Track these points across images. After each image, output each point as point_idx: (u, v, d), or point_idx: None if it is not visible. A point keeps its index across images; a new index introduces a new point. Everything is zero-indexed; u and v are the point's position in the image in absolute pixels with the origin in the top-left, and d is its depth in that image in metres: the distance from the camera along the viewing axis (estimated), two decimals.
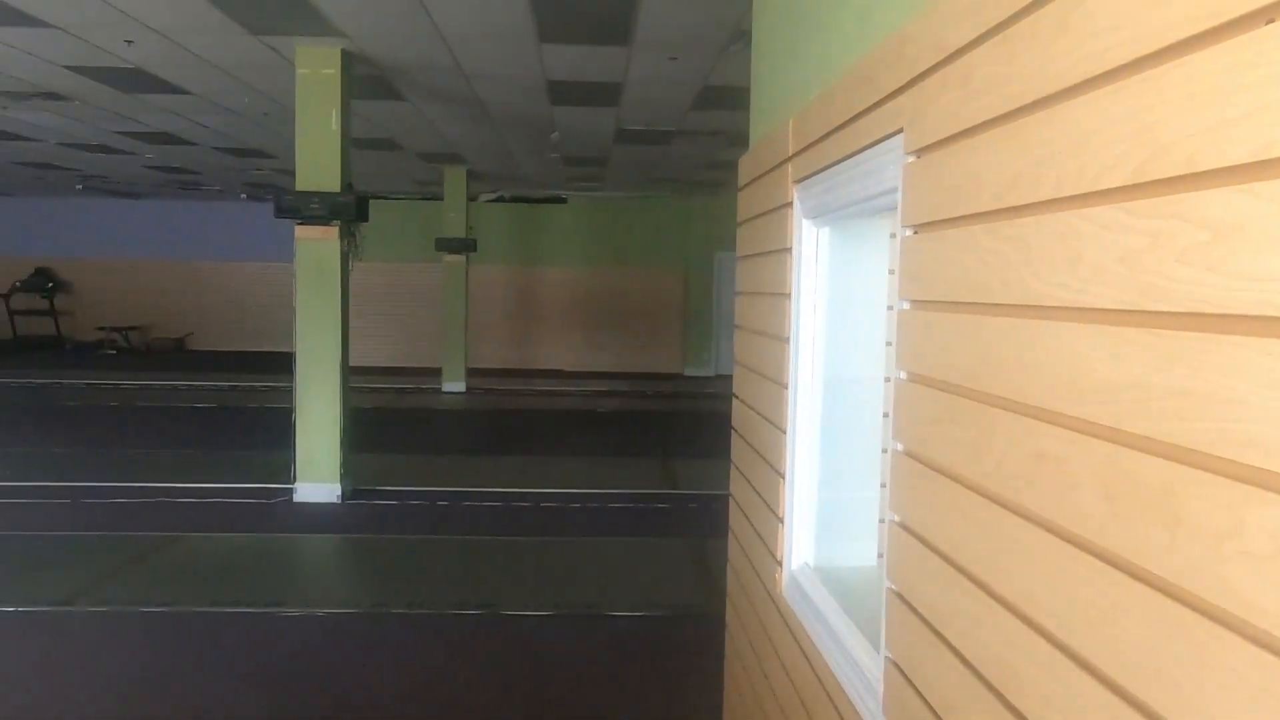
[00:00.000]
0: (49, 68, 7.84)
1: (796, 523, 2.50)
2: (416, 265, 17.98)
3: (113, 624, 4.73)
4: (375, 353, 17.62)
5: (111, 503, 7.12)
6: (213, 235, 19.84)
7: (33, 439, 9.82)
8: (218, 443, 9.91)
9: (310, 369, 7.29)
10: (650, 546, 6.38)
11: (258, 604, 5.02)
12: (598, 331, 18.41)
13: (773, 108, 2.99)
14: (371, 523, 6.84)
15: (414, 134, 10.98)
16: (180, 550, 6.05)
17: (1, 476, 7.83)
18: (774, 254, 2.75)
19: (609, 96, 8.75)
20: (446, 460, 9.23)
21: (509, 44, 6.96)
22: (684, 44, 6.89)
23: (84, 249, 19.95)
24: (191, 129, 10.81)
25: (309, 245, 7.22)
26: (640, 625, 4.83)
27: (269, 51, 7.19)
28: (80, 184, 16.89)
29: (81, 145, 12.23)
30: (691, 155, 12.36)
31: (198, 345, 20.03)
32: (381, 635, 4.69)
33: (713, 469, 8.44)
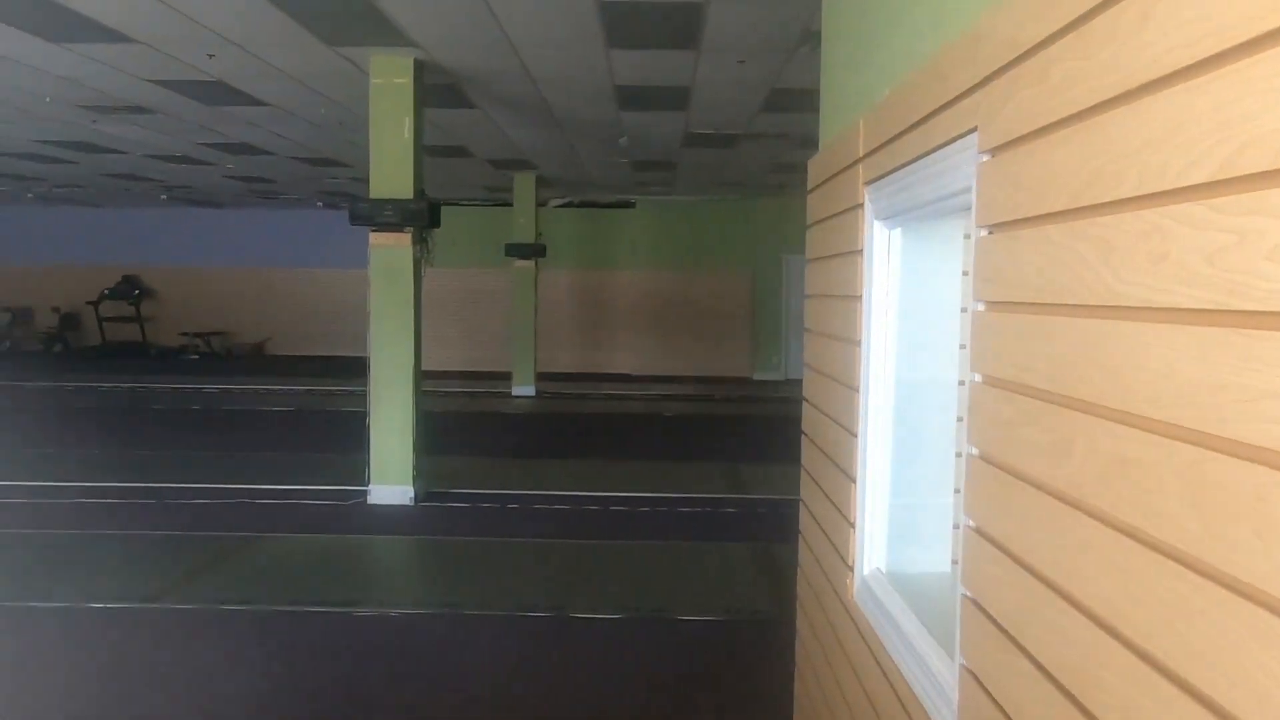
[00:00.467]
0: (135, 82, 8.11)
1: (868, 527, 2.48)
2: (487, 271, 18.19)
3: (196, 621, 4.87)
4: (447, 357, 17.86)
5: (195, 503, 7.33)
6: (290, 243, 20.33)
7: (121, 442, 10.16)
8: (295, 445, 10.14)
9: (384, 373, 7.42)
10: (719, 551, 6.36)
11: (334, 604, 5.12)
12: (666, 335, 18.43)
13: (843, 109, 2.97)
14: (443, 525, 6.93)
15: (484, 141, 11.12)
16: (260, 550, 6.20)
17: (92, 478, 8.11)
18: (844, 256, 2.72)
19: (677, 100, 8.76)
20: (517, 463, 9.32)
21: (577, 50, 7.01)
22: (752, 47, 6.86)
23: (168, 257, 20.60)
24: (270, 139, 11.10)
25: (383, 251, 7.35)
26: (709, 630, 4.81)
27: (344, 62, 7.35)
28: (164, 194, 17.45)
29: (165, 157, 12.63)
30: (759, 158, 12.31)
31: (276, 350, 20.53)
32: (453, 636, 4.75)
33: (782, 473, 8.38)
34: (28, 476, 8.10)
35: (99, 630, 4.71)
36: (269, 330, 20.62)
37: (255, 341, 20.52)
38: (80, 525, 6.65)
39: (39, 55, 7.23)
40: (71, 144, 11.59)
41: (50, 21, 6.34)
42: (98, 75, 7.88)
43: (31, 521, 6.73)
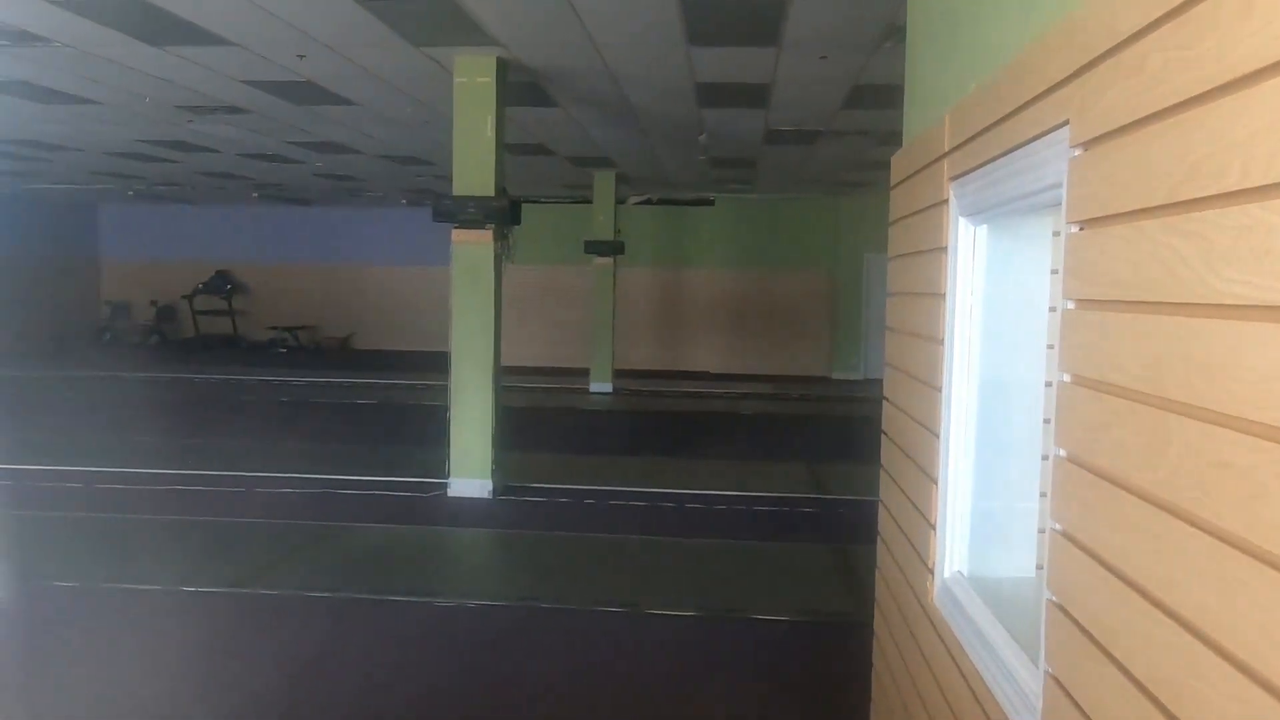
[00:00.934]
0: (229, 83, 8.37)
1: (949, 530, 2.43)
2: (566, 268, 18.32)
3: (281, 607, 5.00)
4: (525, 353, 18.04)
5: (282, 492, 7.54)
6: (375, 240, 20.76)
7: (212, 431, 10.49)
8: (378, 438, 10.36)
9: (464, 368, 7.53)
10: (796, 551, 6.31)
11: (413, 593, 5.22)
12: (744, 334, 18.35)
13: (928, 103, 2.92)
14: (521, 519, 7.01)
15: (565, 139, 11.20)
16: (344, 539, 6.35)
17: (185, 465, 8.39)
18: (928, 253, 2.68)
19: (757, 98, 8.71)
20: (593, 459, 9.38)
21: (658, 47, 7.02)
22: (835, 42, 6.79)
23: (258, 253, 21.22)
24: (357, 138, 11.34)
25: (464, 248, 7.46)
26: (785, 631, 4.78)
27: (429, 62, 7.47)
28: (256, 192, 17.97)
29: (257, 155, 13.00)
30: (841, 155, 12.17)
31: (360, 344, 20.99)
32: (529, 628, 4.79)
33: (861, 474, 8.28)
34: (125, 463, 8.42)
35: (191, 613, 4.88)
36: (354, 325, 21.08)
37: (341, 336, 21.01)
38: (174, 511, 6.89)
39: (140, 58, 7.50)
40: (169, 143, 12.01)
41: (151, 25, 6.57)
42: (194, 77, 8.15)
43: (128, 506, 6.99)
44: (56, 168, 14.76)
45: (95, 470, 8.11)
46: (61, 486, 7.55)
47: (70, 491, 7.40)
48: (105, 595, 5.08)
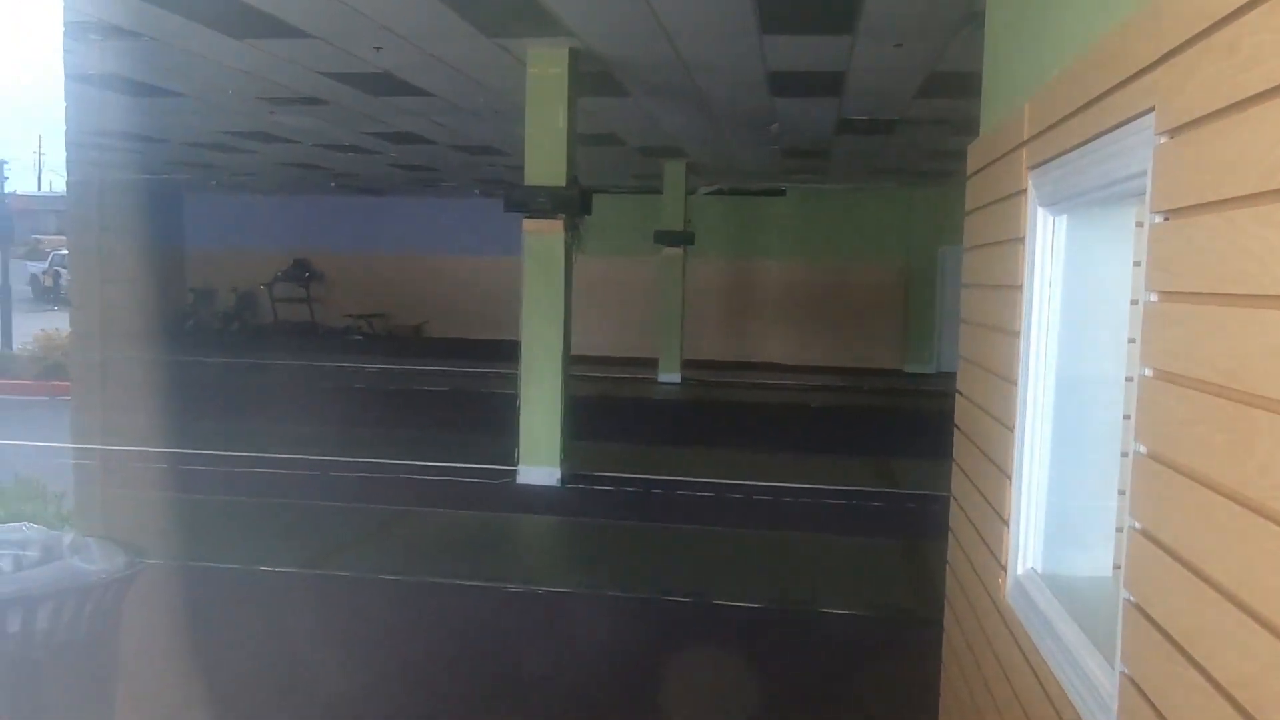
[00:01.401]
0: (309, 75, 8.54)
1: (1023, 526, 2.38)
2: (635, 258, 18.33)
3: (352, 588, 5.11)
4: (594, 343, 18.10)
5: (355, 476, 7.69)
6: (448, 229, 21.03)
7: (289, 416, 10.75)
8: (449, 425, 10.51)
9: (534, 357, 7.60)
10: (865, 545, 6.25)
11: (482, 578, 5.29)
12: (815, 325, 18.19)
13: (1007, 91, 2.85)
14: (588, 507, 7.05)
15: (636, 129, 11.21)
16: (413, 524, 6.46)
17: (261, 449, 8.61)
18: (1005, 244, 2.62)
19: (831, 86, 8.61)
20: (661, 449, 9.39)
21: (731, 36, 6.98)
22: (910, 29, 6.68)
23: (335, 242, 21.64)
24: (431, 128, 11.49)
25: (535, 238, 7.51)
26: (853, 624, 4.74)
27: (503, 53, 7.53)
28: (333, 182, 18.32)
29: (335, 146, 13.25)
30: (916, 144, 11.97)
31: (433, 333, 21.30)
32: (597, 616, 4.83)
33: (932, 469, 8.15)
34: (203, 446, 8.67)
35: (263, 592, 5.01)
36: (427, 314, 21.40)
37: (414, 324, 21.34)
38: (252, 493, 7.08)
39: (224, 51, 7.70)
40: (251, 134, 12.31)
41: (235, 19, 6.73)
42: (276, 69, 8.33)
43: (207, 488, 7.20)
44: (145, 158, 15.23)
45: (176, 452, 8.37)
46: (147, 468, 7.80)
47: (155, 473, 7.65)
48: (188, 572, 5.24)
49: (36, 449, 8.30)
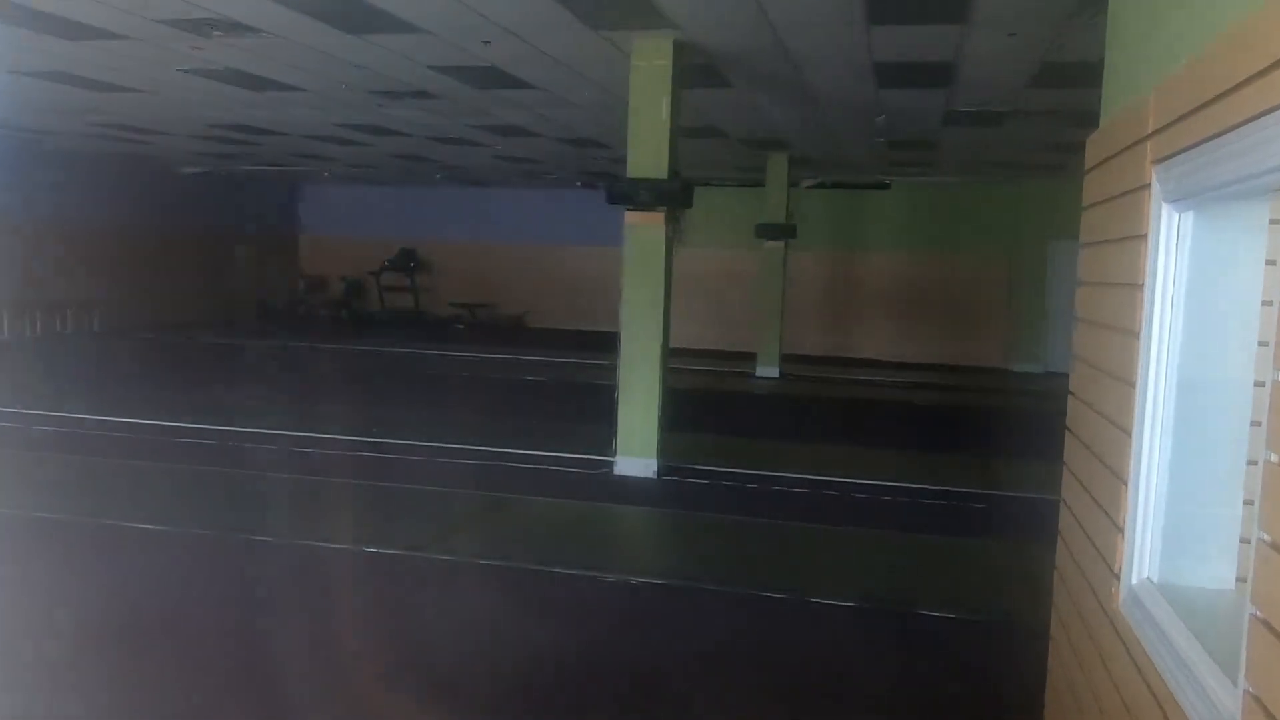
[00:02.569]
0: (418, 69, 8.73)
1: (1139, 534, 2.30)
2: (736, 251, 18.27)
3: (454, 572, 5.23)
4: (693, 335, 18.10)
5: (457, 463, 7.86)
6: (550, 220, 21.29)
7: (394, 402, 11.03)
8: (548, 414, 10.64)
9: (633, 348, 7.63)
10: (965, 547, 6.11)
11: (579, 567, 5.34)
12: (918, 321, 17.85)
13: (1130, 81, 2.75)
14: (684, 499, 7.06)
15: (739, 121, 11.15)
16: (513, 511, 6.56)
17: (368, 433, 8.86)
18: (1125, 241, 2.53)
19: (939, 77, 8.42)
20: (758, 444, 9.34)
21: (837, 27, 6.88)
22: (1025, 17, 6.48)
23: (440, 232, 22.12)
24: (536, 121, 11.63)
25: (637, 230, 7.54)
26: (953, 627, 4.64)
27: (607, 45, 7.57)
28: (440, 174, 18.71)
29: (442, 138, 13.52)
30: (1028, 137, 11.62)
31: (534, 323, 21.59)
32: (691, 608, 4.83)
33: (1038, 471, 7.92)
34: (312, 429, 8.97)
35: (370, 573, 5.16)
36: (529, 304, 21.70)
37: (516, 314, 21.67)
38: (358, 476, 7.29)
39: (340, 46, 7.92)
40: (363, 127, 12.64)
41: (350, 14, 6.92)
42: (387, 63, 8.54)
43: (319, 469, 7.44)
44: (262, 150, 15.79)
45: (288, 434, 8.68)
46: (260, 449, 8.11)
47: (268, 454, 7.94)
48: (296, 551, 5.44)
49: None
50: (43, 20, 7.32)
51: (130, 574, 5.01)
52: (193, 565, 5.18)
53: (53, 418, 9.11)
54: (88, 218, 17.65)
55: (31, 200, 16.51)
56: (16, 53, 8.54)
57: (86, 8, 6.94)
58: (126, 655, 3.99)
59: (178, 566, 5.15)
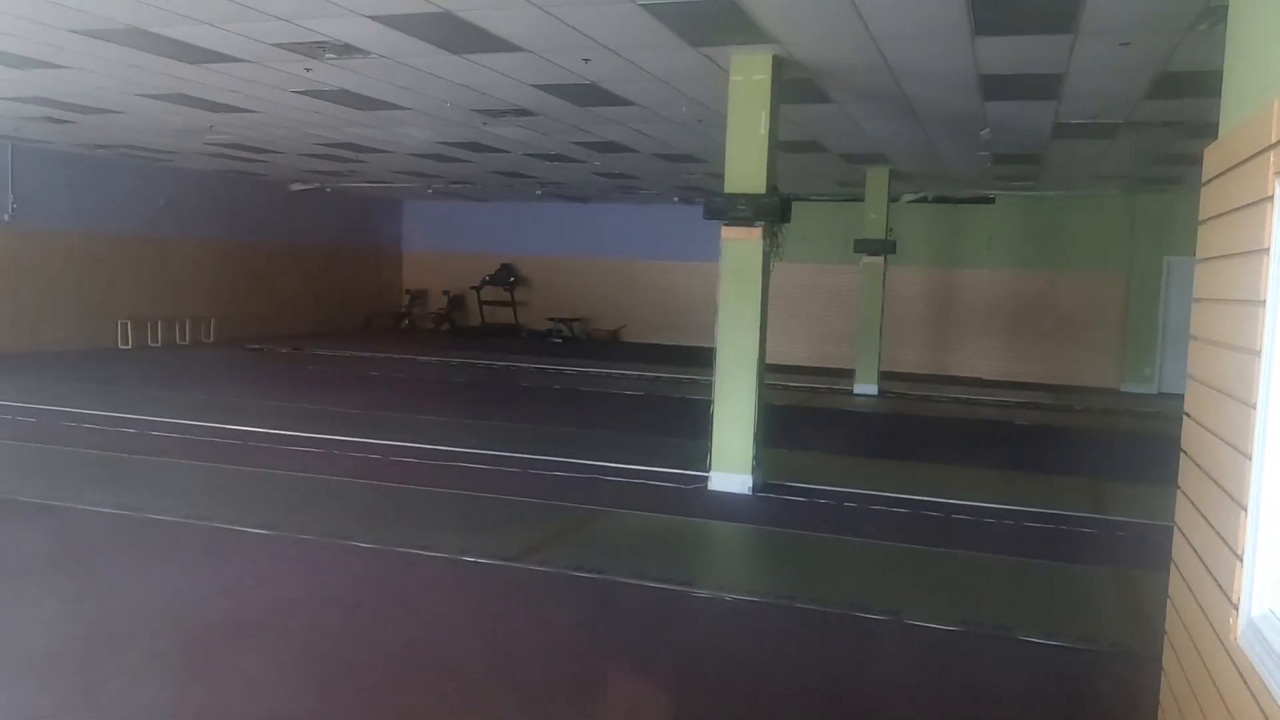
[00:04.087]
0: (520, 87, 8.89)
1: (1260, 563, 2.19)
2: (834, 266, 18.09)
3: (551, 583, 5.27)
4: (790, 351, 18.00)
5: (553, 475, 7.94)
6: (647, 236, 21.43)
7: (493, 414, 11.21)
8: (643, 428, 10.67)
9: (729, 364, 7.61)
10: (1071, 572, 5.90)
11: (672, 581, 5.34)
12: (1023, 340, 17.38)
13: (1252, 90, 2.64)
14: (779, 516, 7.00)
15: (838, 135, 11.05)
16: (608, 524, 6.59)
17: (468, 445, 9.02)
18: (1246, 255, 2.42)
19: (1048, 89, 8.21)
20: (855, 462, 9.20)
21: (941, 40, 6.77)
22: (1139, 26, 6.27)
23: (539, 247, 22.47)
24: (634, 137, 11.73)
25: (734, 245, 7.53)
26: (1058, 655, 4.49)
27: (706, 62, 7.59)
28: (539, 190, 19.00)
29: (542, 155, 13.74)
30: (1141, 149, 11.23)
31: (629, 337, 21.72)
32: (785, 627, 4.78)
33: (1150, 495, 7.63)
34: (413, 439, 9.17)
35: (469, 582, 5.24)
36: (624, 318, 21.85)
37: (611, 328, 21.84)
38: (456, 486, 7.42)
39: (444, 66, 8.13)
40: (465, 144, 12.94)
41: (454, 35, 7.10)
42: (490, 82, 8.73)
43: (419, 479, 7.60)
44: (368, 167, 16.28)
45: (389, 444, 8.89)
46: (363, 458, 8.33)
47: (371, 463, 8.16)
48: (401, 558, 5.56)
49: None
50: (166, 45, 7.70)
51: (240, 576, 5.19)
52: (278, 565, 5.34)
53: (174, 424, 9.53)
54: (203, 234, 18.46)
55: (151, 218, 17.35)
56: (141, 76, 9.00)
57: (207, 33, 7.28)
58: (231, 651, 4.14)
59: (283, 567, 5.32)
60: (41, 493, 6.69)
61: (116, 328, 16.74)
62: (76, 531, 5.91)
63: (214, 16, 6.82)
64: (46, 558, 5.42)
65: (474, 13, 6.52)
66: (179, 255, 17.95)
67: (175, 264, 17.88)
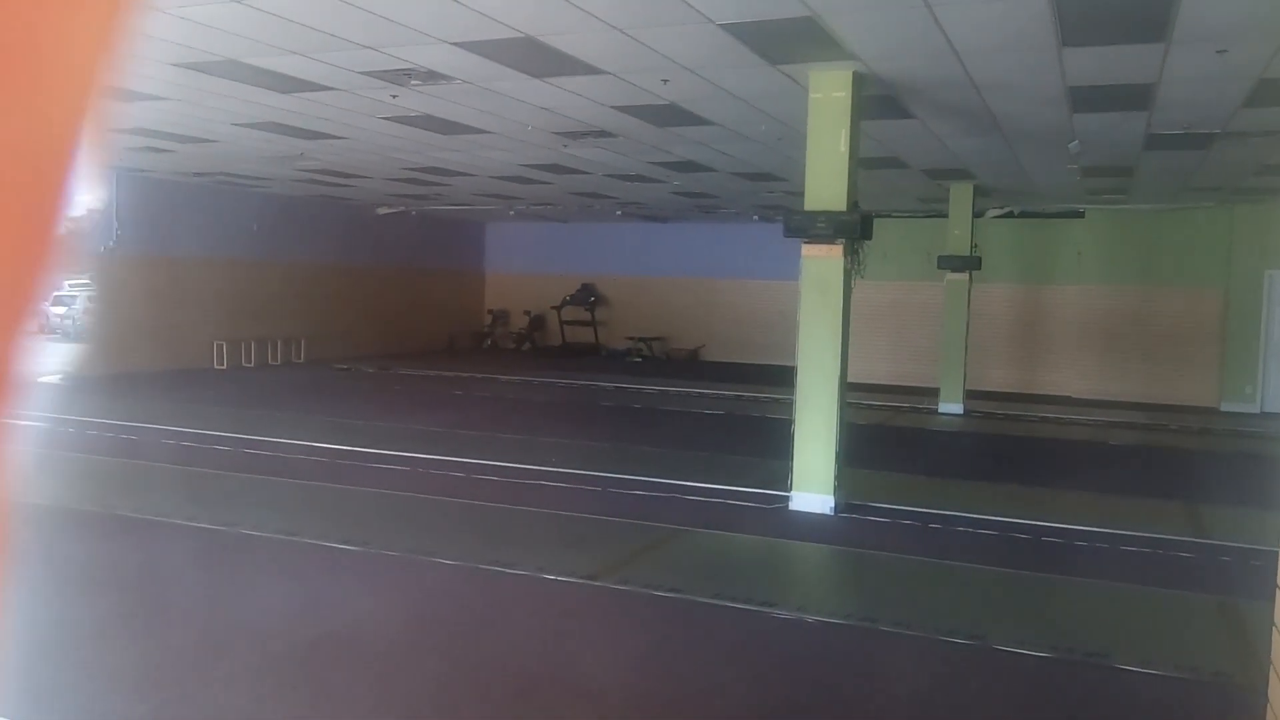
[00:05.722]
0: (600, 109, 8.99)
1: None
2: (917, 283, 17.82)
3: (629, 601, 5.28)
4: (872, 370, 17.76)
5: (633, 494, 7.95)
6: (726, 254, 21.40)
7: (574, 433, 11.29)
8: (723, 447, 10.63)
9: (810, 383, 7.54)
10: (1170, 599, 5.68)
11: (753, 602, 5.29)
12: (1115, 357, 16.86)
13: None
14: (862, 537, 6.89)
15: (921, 151, 10.91)
16: (688, 543, 6.57)
17: (549, 463, 9.10)
18: None
19: (1139, 99, 7.99)
20: (940, 482, 9.02)
21: (1026, 52, 6.65)
22: (1236, 33, 6.07)
23: (619, 267, 22.61)
24: (713, 157, 11.74)
25: (814, 263, 7.47)
26: (1156, 685, 4.32)
27: (785, 79, 7.58)
28: (619, 210, 19.14)
29: (622, 176, 13.84)
30: (1239, 159, 10.85)
31: (709, 356, 21.69)
32: (869, 650, 4.70)
33: (1253, 519, 7.32)
34: (498, 457, 9.28)
35: (549, 600, 5.28)
36: (705, 337, 21.83)
37: (691, 347, 21.83)
38: (538, 504, 7.49)
39: (525, 90, 8.26)
40: (545, 166, 13.11)
41: (536, 59, 7.22)
42: (570, 104, 8.84)
43: (502, 497, 7.69)
44: (451, 190, 16.60)
45: (472, 462, 9.02)
46: (446, 475, 8.46)
47: (455, 480, 8.27)
48: (484, 575, 5.63)
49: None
50: (260, 75, 7.98)
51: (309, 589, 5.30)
52: (364, 580, 5.44)
53: (266, 443, 9.81)
54: (293, 257, 19.02)
55: (245, 242, 17.95)
56: (236, 106, 9.33)
57: (298, 63, 7.52)
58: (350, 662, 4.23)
59: (368, 582, 5.42)
60: (139, 508, 6.94)
61: (212, 349, 17.33)
62: (172, 546, 6.11)
63: (305, 47, 7.05)
64: (147, 571, 5.62)
65: (555, 37, 6.62)
66: (271, 278, 18.51)
67: (267, 286, 18.44)
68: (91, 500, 7.14)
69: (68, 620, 4.73)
